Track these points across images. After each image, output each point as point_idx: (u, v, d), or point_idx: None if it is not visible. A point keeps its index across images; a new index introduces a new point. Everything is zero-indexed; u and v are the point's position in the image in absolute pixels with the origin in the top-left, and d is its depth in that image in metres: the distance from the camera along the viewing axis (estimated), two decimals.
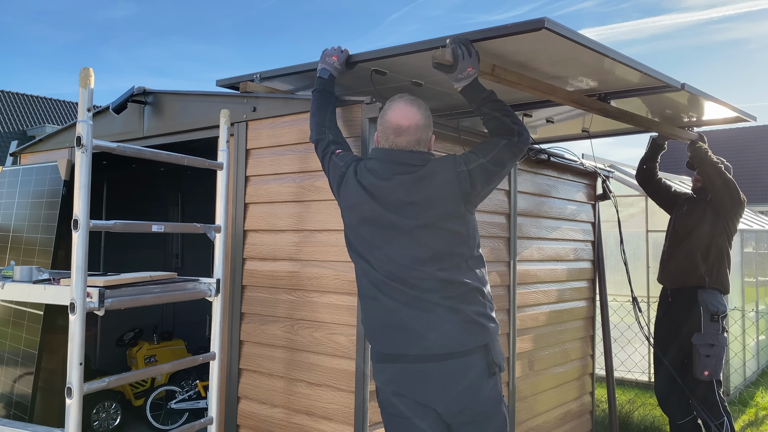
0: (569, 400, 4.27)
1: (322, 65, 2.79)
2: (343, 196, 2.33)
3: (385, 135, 2.28)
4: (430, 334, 2.14)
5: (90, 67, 2.29)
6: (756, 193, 28.96)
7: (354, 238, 2.30)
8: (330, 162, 2.44)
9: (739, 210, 4.17)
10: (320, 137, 2.56)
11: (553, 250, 4.07)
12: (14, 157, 4.75)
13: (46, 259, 3.88)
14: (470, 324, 2.17)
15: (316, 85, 2.75)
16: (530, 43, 2.45)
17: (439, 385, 2.14)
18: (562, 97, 3.07)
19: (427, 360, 2.14)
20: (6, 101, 24.86)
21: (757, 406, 5.97)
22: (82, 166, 2.25)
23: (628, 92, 3.23)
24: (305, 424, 2.90)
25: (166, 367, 2.75)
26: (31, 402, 3.72)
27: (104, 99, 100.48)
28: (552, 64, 2.78)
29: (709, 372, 3.99)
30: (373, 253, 2.23)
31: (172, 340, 5.27)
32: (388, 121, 2.28)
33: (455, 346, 2.14)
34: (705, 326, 4.06)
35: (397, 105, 2.30)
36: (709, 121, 4.05)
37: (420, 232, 2.17)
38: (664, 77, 2.93)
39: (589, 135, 4.48)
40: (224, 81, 3.56)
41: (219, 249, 2.92)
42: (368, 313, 2.28)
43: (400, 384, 2.18)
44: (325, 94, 2.70)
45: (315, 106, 2.68)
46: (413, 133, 2.25)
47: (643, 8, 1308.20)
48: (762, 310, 7.56)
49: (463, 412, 2.16)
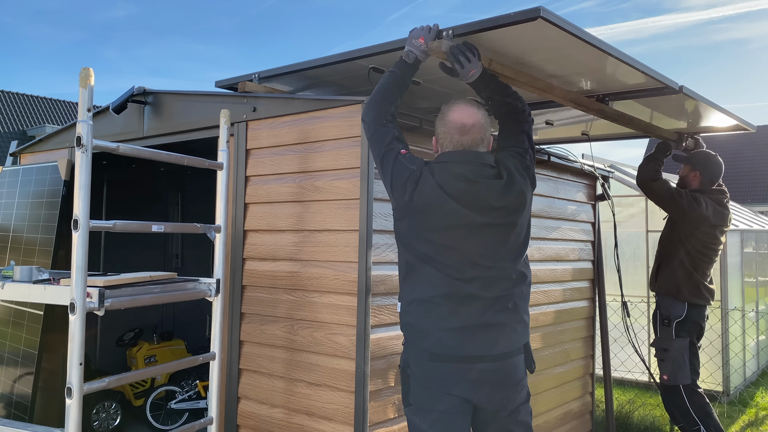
0: (569, 400, 4.27)
1: (408, 47, 2.48)
2: (416, 199, 2.22)
3: (449, 136, 2.31)
4: (500, 336, 2.23)
5: (90, 67, 2.30)
6: (756, 193, 28.96)
7: (418, 243, 2.24)
8: (395, 162, 2.29)
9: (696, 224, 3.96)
10: (382, 127, 2.39)
11: (553, 250, 4.07)
12: (14, 157, 4.75)
13: (46, 259, 3.88)
14: (520, 323, 2.30)
15: (396, 67, 2.49)
16: (526, 35, 2.43)
17: (495, 384, 2.23)
18: (561, 96, 3.06)
19: (493, 360, 2.22)
20: (6, 101, 24.86)
21: (757, 406, 5.97)
22: (82, 166, 2.25)
23: (626, 94, 3.21)
24: (305, 424, 2.90)
25: (166, 367, 2.75)
26: (31, 402, 3.72)
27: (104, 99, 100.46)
28: (548, 61, 2.77)
29: (668, 377, 3.99)
30: (447, 255, 2.21)
31: (172, 340, 5.26)
32: (451, 121, 2.31)
33: (512, 345, 2.26)
34: (659, 331, 4.10)
35: (457, 105, 2.34)
36: (708, 128, 4.00)
37: (505, 230, 2.25)
38: (661, 76, 2.92)
39: (589, 138, 4.47)
40: (223, 82, 3.57)
41: (219, 249, 2.92)
42: (429, 316, 2.23)
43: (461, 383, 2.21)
44: (401, 82, 2.47)
45: (385, 89, 2.45)
46: (477, 131, 2.30)
47: (643, 8, 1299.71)
48: (762, 310, 7.56)
49: (506, 407, 2.27)
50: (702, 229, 3.99)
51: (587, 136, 4.40)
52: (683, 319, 4.01)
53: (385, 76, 2.49)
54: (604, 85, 3.10)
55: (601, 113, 3.32)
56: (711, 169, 4.11)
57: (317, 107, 2.94)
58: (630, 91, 3.18)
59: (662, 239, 4.25)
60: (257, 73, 3.33)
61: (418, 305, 2.25)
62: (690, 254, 4.03)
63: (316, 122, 2.95)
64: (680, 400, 3.99)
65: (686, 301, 4.04)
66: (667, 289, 4.09)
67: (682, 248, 4.05)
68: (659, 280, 4.15)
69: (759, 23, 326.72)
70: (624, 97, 3.23)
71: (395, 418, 2.85)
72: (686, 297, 4.04)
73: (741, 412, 5.74)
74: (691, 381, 3.99)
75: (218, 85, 3.57)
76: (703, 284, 4.06)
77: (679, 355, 3.98)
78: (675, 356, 3.98)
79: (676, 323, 4.02)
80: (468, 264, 2.21)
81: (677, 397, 4.00)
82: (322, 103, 2.93)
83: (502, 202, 2.23)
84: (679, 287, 4.04)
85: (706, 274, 4.08)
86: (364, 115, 2.46)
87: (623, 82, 3.04)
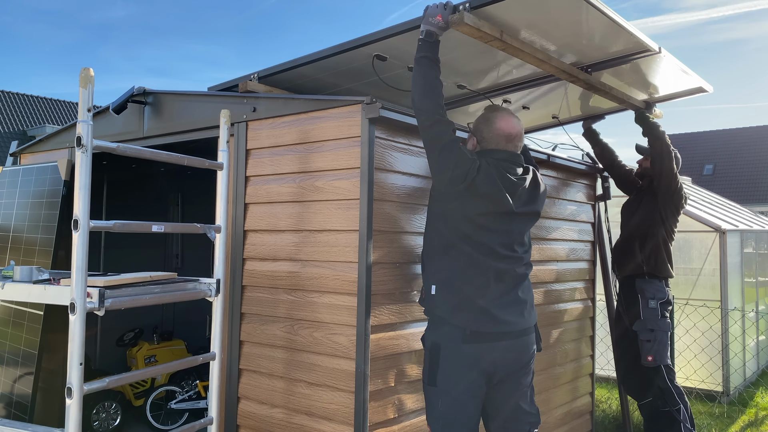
0: (569, 400, 4.27)
1: (426, 26, 2.61)
2: (476, 185, 2.48)
3: (494, 140, 2.65)
4: (524, 311, 2.61)
5: (90, 67, 2.30)
6: (756, 193, 28.94)
7: (467, 226, 2.51)
8: (459, 151, 2.51)
9: (676, 200, 4.20)
10: (442, 118, 2.54)
11: (553, 250, 4.08)
12: (14, 157, 4.75)
13: (46, 259, 3.88)
14: (533, 302, 2.71)
15: (424, 51, 2.59)
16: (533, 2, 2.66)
17: (517, 357, 2.60)
18: (556, 67, 3.25)
19: (516, 336, 2.57)
20: (6, 101, 24.87)
21: (757, 407, 5.97)
22: (82, 167, 2.25)
23: (607, 62, 3.46)
24: (305, 424, 2.90)
25: (166, 367, 2.75)
26: (31, 402, 3.72)
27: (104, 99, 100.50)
28: (548, 31, 2.98)
29: (652, 357, 4.06)
30: (488, 236, 2.52)
31: (172, 340, 5.27)
32: (499, 129, 2.65)
33: (530, 322, 2.65)
34: (643, 312, 4.16)
35: (502, 115, 2.68)
36: (671, 95, 4.16)
37: (530, 222, 2.69)
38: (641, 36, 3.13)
39: (560, 122, 4.68)
40: (216, 87, 3.63)
41: (219, 249, 2.92)
42: (465, 290, 2.51)
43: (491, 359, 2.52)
44: (436, 60, 2.61)
45: (429, 74, 2.57)
46: (519, 140, 2.69)
47: (643, 8, 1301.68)
48: (762, 310, 7.56)
49: (514, 367, 2.61)
50: (679, 207, 4.25)
51: (558, 119, 4.61)
52: (665, 300, 4.17)
53: (421, 63, 2.60)
54: (588, 56, 3.38)
55: (587, 82, 3.52)
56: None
57: (317, 107, 2.94)
58: (610, 59, 3.44)
59: (638, 220, 4.30)
60: (257, 72, 3.34)
61: (454, 281, 2.52)
62: (668, 232, 4.26)
63: (316, 122, 2.95)
64: (661, 381, 4.10)
65: (667, 276, 4.22)
66: (655, 271, 4.19)
67: (663, 226, 4.22)
68: (645, 262, 4.21)
69: (759, 23, 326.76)
70: (604, 67, 3.50)
71: (395, 418, 2.85)
72: (666, 276, 4.21)
73: (741, 413, 5.74)
74: (669, 361, 4.14)
75: (211, 91, 3.62)
76: (671, 259, 4.30)
77: (664, 335, 4.10)
78: (660, 336, 4.08)
79: (660, 304, 4.14)
80: (504, 246, 2.56)
81: (658, 378, 4.10)
82: (322, 103, 2.93)
83: (534, 195, 2.67)
84: (662, 269, 4.19)
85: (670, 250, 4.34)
86: (420, 105, 2.57)
87: (606, 49, 3.30)
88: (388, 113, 2.71)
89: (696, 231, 6.43)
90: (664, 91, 4.08)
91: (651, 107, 4.29)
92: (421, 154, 3.02)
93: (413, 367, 2.94)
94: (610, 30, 3.04)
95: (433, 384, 2.52)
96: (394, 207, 2.86)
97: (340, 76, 3.54)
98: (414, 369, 2.94)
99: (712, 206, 7.84)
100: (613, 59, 3.43)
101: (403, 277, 2.90)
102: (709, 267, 6.34)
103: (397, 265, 2.87)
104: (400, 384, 2.87)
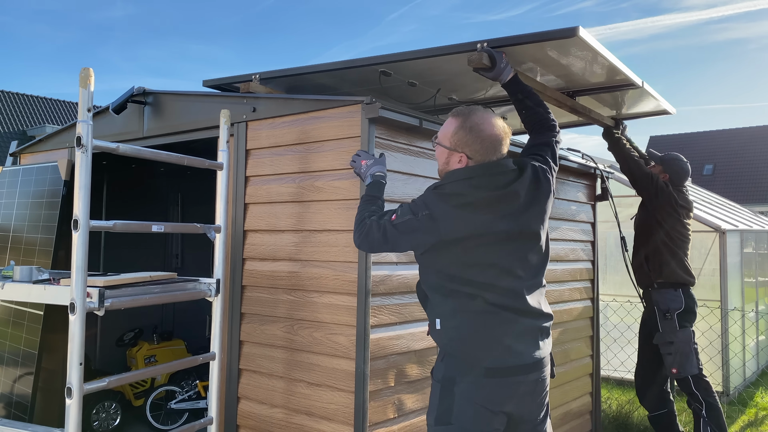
0: (569, 400, 4.27)
1: (379, 170, 2.57)
2: (442, 233, 2.16)
3: (486, 151, 2.25)
4: (543, 340, 2.27)
5: (90, 67, 2.30)
6: (756, 193, 28.94)
7: (457, 270, 2.19)
8: (399, 232, 2.23)
9: (663, 200, 4.21)
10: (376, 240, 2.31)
11: (553, 250, 4.07)
12: (14, 157, 4.75)
13: (46, 259, 3.88)
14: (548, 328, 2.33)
15: (375, 193, 2.52)
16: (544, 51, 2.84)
17: (536, 393, 2.23)
18: (550, 95, 3.40)
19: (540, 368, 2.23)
20: (6, 101, 24.86)
21: (757, 407, 5.97)
22: (82, 166, 2.25)
23: (589, 91, 3.66)
24: (305, 424, 2.90)
25: (166, 367, 2.76)
26: (31, 402, 3.72)
27: (103, 99, 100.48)
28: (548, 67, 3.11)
29: (677, 369, 4.06)
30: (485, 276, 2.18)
31: (172, 340, 5.26)
32: (490, 137, 2.24)
33: (548, 351, 2.29)
34: (661, 325, 4.15)
35: (486, 119, 2.27)
36: (636, 113, 4.32)
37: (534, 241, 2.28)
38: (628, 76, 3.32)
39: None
40: (210, 82, 3.63)
41: (219, 249, 2.92)
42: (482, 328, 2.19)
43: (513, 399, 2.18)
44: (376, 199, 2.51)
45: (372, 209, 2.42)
46: (508, 137, 2.33)
47: (643, 8, 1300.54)
48: (762, 310, 7.56)
49: (538, 416, 2.27)
50: (672, 205, 4.21)
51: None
52: (683, 309, 4.11)
53: (368, 207, 2.43)
54: (575, 83, 3.55)
55: (572, 107, 3.70)
56: (679, 175, 4.35)
57: (317, 107, 2.94)
58: (595, 88, 3.62)
59: (639, 230, 4.37)
60: (258, 73, 3.34)
61: (458, 314, 2.20)
62: (669, 234, 4.20)
63: (316, 122, 2.95)
64: (687, 387, 4.11)
65: (681, 282, 4.15)
66: (665, 279, 4.16)
67: (661, 230, 4.21)
68: (652, 271, 4.21)
69: (758, 23, 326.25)
70: (587, 93, 3.69)
71: (395, 418, 2.85)
72: (680, 282, 4.14)
73: (741, 413, 5.74)
74: (698, 370, 4.09)
75: (206, 85, 3.62)
76: (687, 262, 4.22)
77: (686, 346, 4.05)
78: (681, 348, 4.05)
79: (677, 314, 4.10)
80: (505, 273, 2.20)
81: (685, 386, 4.12)
82: (321, 104, 2.93)
83: (530, 196, 2.26)
84: (673, 276, 4.15)
85: (687, 255, 4.25)
86: (360, 247, 2.38)
87: (593, 80, 3.47)
88: (387, 113, 2.71)
89: (696, 231, 6.42)
90: (632, 111, 4.25)
91: (620, 124, 4.45)
92: (421, 154, 3.02)
93: (413, 367, 2.94)
94: (609, 71, 3.25)
95: (446, 423, 2.17)
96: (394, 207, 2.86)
97: (343, 82, 3.56)
98: (414, 369, 2.94)
99: (711, 206, 7.84)
100: (598, 88, 3.60)
101: (403, 277, 2.90)
102: (708, 267, 6.34)
103: (397, 265, 2.87)
104: (400, 384, 2.87)
